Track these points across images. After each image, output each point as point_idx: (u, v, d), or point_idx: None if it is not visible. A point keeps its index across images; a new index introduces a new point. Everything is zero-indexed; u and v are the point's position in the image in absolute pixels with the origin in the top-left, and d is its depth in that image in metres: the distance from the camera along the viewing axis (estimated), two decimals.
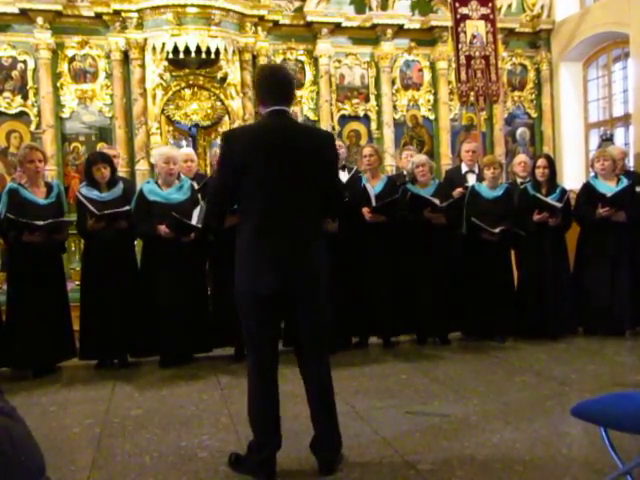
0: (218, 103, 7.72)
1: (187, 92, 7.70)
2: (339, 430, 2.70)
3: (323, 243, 2.72)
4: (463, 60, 7.10)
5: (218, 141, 7.93)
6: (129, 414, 3.51)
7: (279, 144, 2.59)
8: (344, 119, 8.35)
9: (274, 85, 2.65)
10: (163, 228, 4.37)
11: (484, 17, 7.17)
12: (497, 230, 4.86)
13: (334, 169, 2.77)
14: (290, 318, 2.71)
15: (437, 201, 4.81)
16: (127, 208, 4.45)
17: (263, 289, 2.57)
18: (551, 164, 5.19)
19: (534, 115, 9.10)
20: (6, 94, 7.32)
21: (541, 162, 5.16)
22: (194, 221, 4.41)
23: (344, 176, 5.23)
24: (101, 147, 7.09)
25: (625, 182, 5.09)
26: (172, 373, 4.38)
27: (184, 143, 7.87)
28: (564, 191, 5.17)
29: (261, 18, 7.74)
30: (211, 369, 4.44)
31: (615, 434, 2.08)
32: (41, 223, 4.21)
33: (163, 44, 7.15)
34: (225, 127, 7.80)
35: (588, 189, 5.19)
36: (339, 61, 8.29)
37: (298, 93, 8.14)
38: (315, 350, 2.68)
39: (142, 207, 4.47)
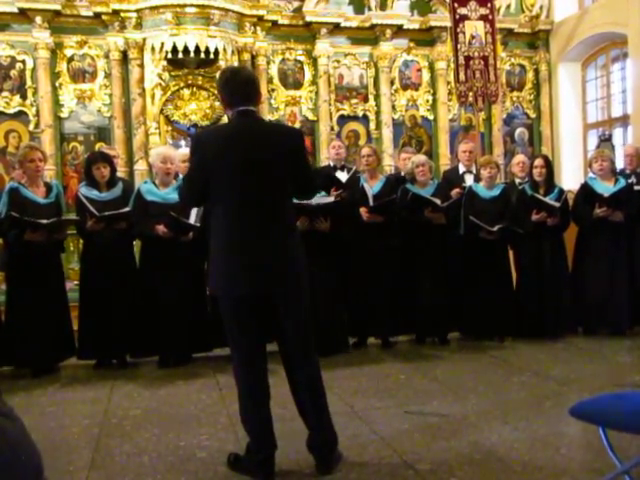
0: (217, 103, 7.72)
1: (186, 92, 7.70)
2: (334, 429, 2.69)
3: (298, 242, 2.71)
4: (462, 60, 7.11)
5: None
6: (128, 414, 3.51)
7: (245, 143, 2.60)
8: (343, 119, 8.35)
9: (237, 86, 2.65)
10: (161, 228, 4.37)
11: (483, 17, 7.18)
12: (495, 228, 4.87)
13: (302, 161, 2.75)
14: (271, 319, 2.67)
15: (438, 201, 4.82)
16: (127, 209, 4.45)
17: (237, 290, 2.57)
18: (548, 164, 5.21)
19: (533, 115, 9.11)
20: (5, 94, 7.33)
21: (538, 162, 5.17)
22: (192, 220, 4.41)
23: (343, 176, 5.23)
24: (100, 147, 7.09)
25: (622, 182, 5.10)
26: (171, 373, 4.38)
27: (183, 143, 7.87)
28: (562, 191, 5.19)
29: (260, 18, 7.75)
30: (210, 369, 4.44)
31: (613, 434, 2.08)
32: (45, 222, 4.21)
33: (162, 44, 7.15)
34: None
35: (586, 189, 5.20)
36: (338, 61, 8.30)
37: (297, 93, 8.16)
38: (300, 350, 2.66)
39: (140, 207, 4.47)
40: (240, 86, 2.65)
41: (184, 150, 5.94)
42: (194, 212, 4.45)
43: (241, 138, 2.61)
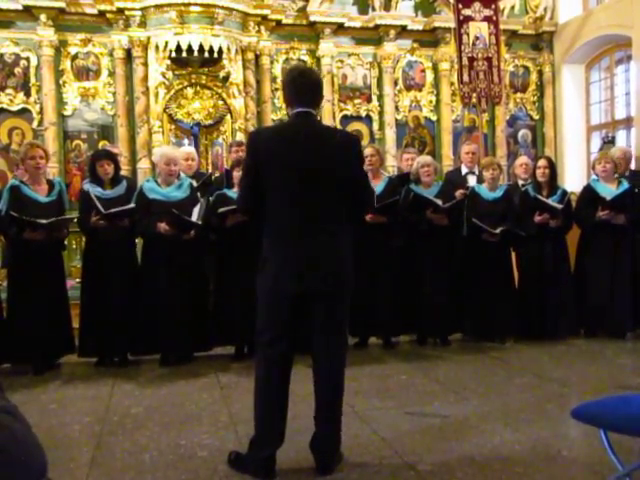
0: (220, 102, 7.74)
1: (189, 91, 7.71)
2: (340, 432, 2.70)
3: (349, 242, 2.73)
4: (466, 61, 7.11)
5: (220, 140, 7.94)
6: (129, 412, 3.51)
7: (301, 144, 2.61)
8: (346, 119, 8.35)
9: (301, 87, 2.68)
10: (163, 225, 4.37)
11: (487, 19, 7.17)
12: (497, 231, 4.86)
13: (358, 171, 2.75)
14: (308, 318, 2.69)
15: (439, 202, 4.81)
16: (132, 206, 4.45)
17: (287, 287, 2.59)
18: (551, 165, 5.20)
19: (536, 117, 9.10)
20: (9, 91, 7.34)
21: (541, 163, 5.17)
22: (194, 218, 4.41)
23: None
24: (103, 145, 7.10)
25: (625, 185, 5.10)
26: (172, 372, 4.38)
27: (186, 142, 7.87)
28: (565, 193, 5.18)
29: (264, 17, 7.75)
30: (211, 368, 4.44)
31: (615, 436, 2.08)
32: (44, 221, 4.21)
33: (166, 42, 7.16)
34: (227, 126, 7.82)
35: (589, 191, 5.19)
36: (342, 61, 8.30)
37: None
38: (332, 350, 2.68)
39: (142, 205, 4.47)
40: (304, 87, 2.67)
41: (187, 149, 5.94)
42: (196, 210, 4.46)
43: (297, 140, 2.62)
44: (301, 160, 2.59)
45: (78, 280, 5.37)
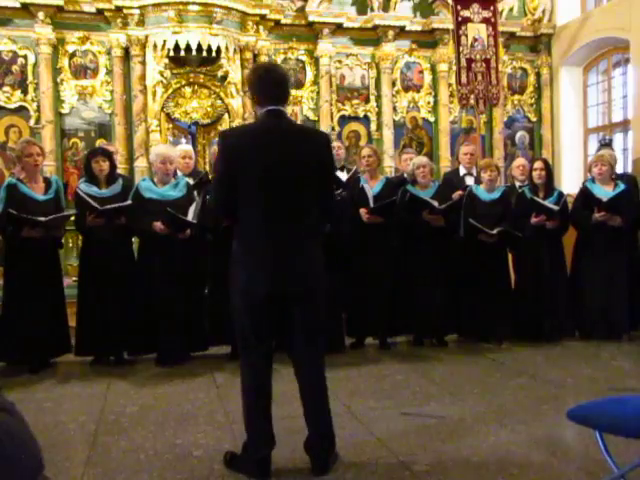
0: (218, 101, 7.72)
1: (187, 90, 7.69)
2: (333, 430, 2.70)
3: (320, 242, 2.72)
4: (464, 63, 7.11)
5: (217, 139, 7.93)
6: (124, 411, 3.51)
7: (273, 145, 2.58)
8: (344, 120, 8.35)
9: (269, 84, 2.63)
10: (159, 225, 4.36)
11: (485, 20, 7.18)
12: (494, 231, 4.87)
13: (329, 170, 2.73)
14: (284, 319, 2.69)
15: (436, 203, 4.81)
16: (129, 202, 4.44)
17: (259, 289, 2.58)
18: (547, 167, 5.22)
19: (534, 119, 9.11)
20: (6, 88, 7.30)
21: (538, 165, 5.18)
22: (190, 217, 4.41)
23: (343, 176, 5.24)
24: (100, 144, 7.09)
25: (622, 187, 5.11)
26: (168, 371, 4.38)
27: (183, 141, 7.86)
28: (561, 194, 5.20)
29: (263, 17, 7.74)
30: (207, 367, 4.44)
31: (610, 438, 2.09)
32: (43, 219, 4.20)
33: (164, 41, 7.15)
34: (225, 126, 7.80)
35: (585, 193, 5.21)
36: (340, 61, 8.29)
37: (298, 93, 8.15)
38: (309, 351, 2.67)
39: (138, 204, 4.47)
40: (273, 85, 2.63)
41: (184, 147, 5.93)
42: (192, 209, 4.45)
43: (269, 139, 2.59)
44: (274, 160, 2.55)
45: (75, 279, 5.37)
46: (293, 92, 8.10)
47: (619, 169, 5.95)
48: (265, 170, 2.55)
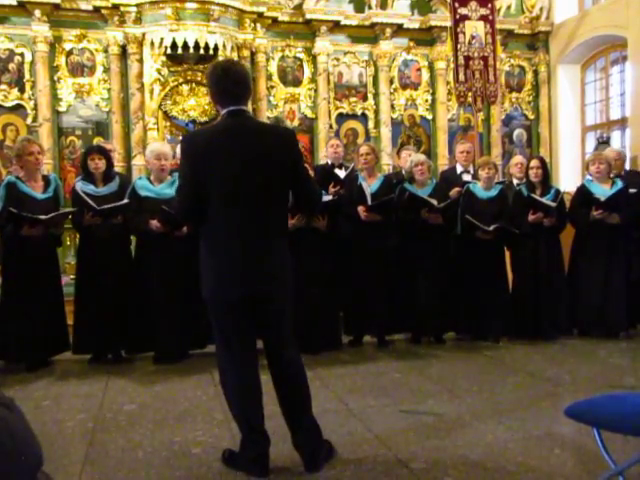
0: None
1: (185, 88, 7.68)
2: (318, 426, 2.67)
3: (286, 243, 2.68)
4: (461, 60, 7.11)
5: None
6: (122, 409, 3.51)
7: (237, 146, 2.53)
8: (342, 117, 8.36)
9: (228, 84, 2.57)
10: (155, 222, 4.36)
11: (483, 18, 7.18)
12: (491, 228, 4.87)
13: (298, 165, 2.67)
14: (256, 319, 2.66)
15: (434, 201, 4.81)
16: (126, 201, 4.43)
17: (229, 294, 2.56)
18: (544, 165, 5.22)
19: (531, 117, 9.13)
20: (3, 87, 7.30)
21: (534, 163, 5.18)
22: None
23: (341, 174, 5.23)
24: (97, 141, 7.07)
25: (619, 185, 5.11)
26: (166, 369, 4.38)
27: (181, 139, 7.84)
28: (558, 192, 5.20)
29: (260, 15, 7.74)
30: (205, 365, 4.42)
31: (607, 435, 2.09)
32: (44, 217, 4.19)
33: (161, 39, 7.14)
34: None
35: (583, 192, 5.21)
36: (337, 59, 8.30)
37: (296, 91, 8.15)
38: (278, 349, 2.66)
39: (134, 203, 4.46)
40: (231, 85, 2.57)
41: None
42: None
43: (231, 140, 2.54)
44: (238, 161, 2.51)
45: (73, 277, 5.36)
46: (291, 90, 8.12)
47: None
48: (230, 172, 2.51)
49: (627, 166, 6.09)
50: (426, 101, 8.59)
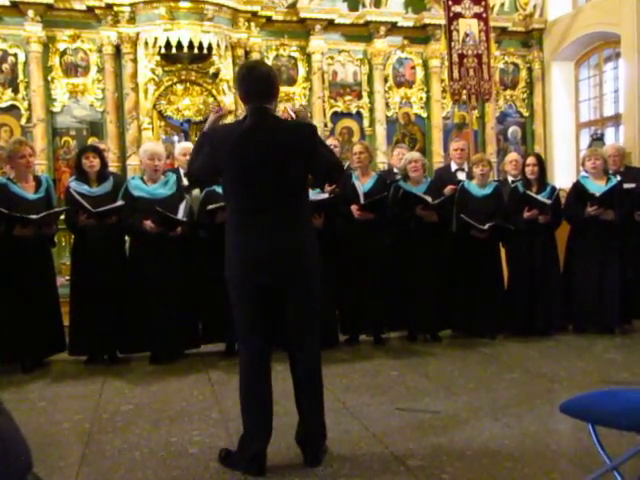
0: (210, 99, 7.70)
1: (179, 87, 7.67)
2: (325, 425, 2.71)
3: (313, 233, 2.75)
4: (456, 58, 7.12)
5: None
6: (119, 410, 3.50)
7: (258, 143, 2.61)
8: (336, 116, 8.36)
9: (252, 83, 2.67)
10: (149, 223, 4.35)
11: (477, 16, 7.19)
12: (486, 226, 4.88)
13: (318, 153, 2.72)
14: (279, 309, 2.71)
15: (429, 199, 4.82)
16: (121, 203, 4.42)
17: (253, 280, 2.61)
18: (540, 162, 5.23)
19: (526, 114, 9.15)
20: None
21: (530, 160, 5.19)
22: (180, 215, 4.40)
23: None
24: (91, 142, 7.06)
25: (614, 181, 5.13)
26: (162, 369, 4.37)
27: (176, 139, 7.84)
28: (554, 189, 5.21)
29: (254, 14, 7.73)
30: (201, 365, 4.43)
31: (603, 430, 2.10)
32: (35, 217, 4.18)
33: (155, 39, 7.13)
34: None
35: (578, 188, 5.22)
36: (332, 58, 8.30)
37: (291, 90, 8.15)
38: (304, 339, 2.69)
39: (128, 203, 4.45)
40: (255, 83, 2.67)
41: (185, 144, 5.89)
42: (182, 207, 4.45)
43: (253, 137, 2.63)
44: (259, 152, 2.60)
45: (68, 277, 5.34)
46: (286, 89, 8.10)
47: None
48: (250, 168, 2.60)
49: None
50: (421, 99, 8.60)
